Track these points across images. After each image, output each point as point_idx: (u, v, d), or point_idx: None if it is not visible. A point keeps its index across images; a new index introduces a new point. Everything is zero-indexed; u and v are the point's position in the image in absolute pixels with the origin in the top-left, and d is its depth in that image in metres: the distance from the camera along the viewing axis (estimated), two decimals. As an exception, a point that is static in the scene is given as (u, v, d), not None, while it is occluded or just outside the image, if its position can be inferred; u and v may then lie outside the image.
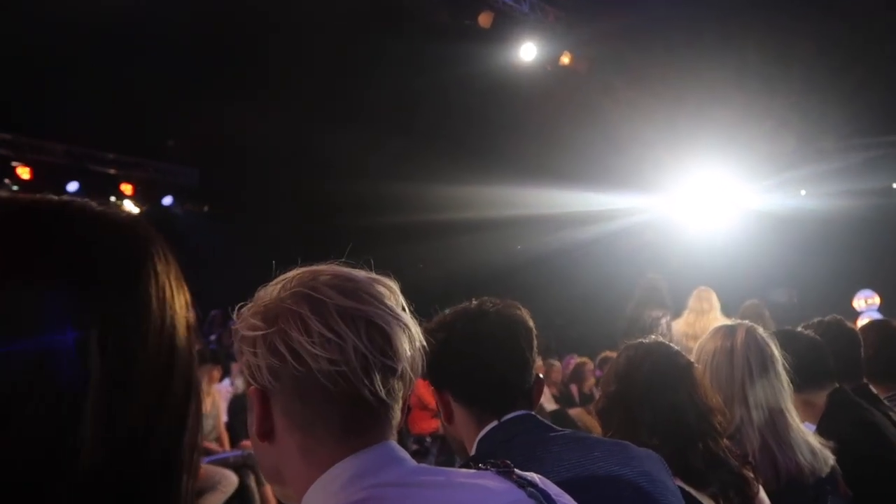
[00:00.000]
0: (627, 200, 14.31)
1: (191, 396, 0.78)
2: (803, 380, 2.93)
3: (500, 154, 12.74)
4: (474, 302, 2.12)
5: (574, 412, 9.10)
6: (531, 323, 2.11)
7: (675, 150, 12.76)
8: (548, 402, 9.54)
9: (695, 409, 2.31)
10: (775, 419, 2.68)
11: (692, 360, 2.50)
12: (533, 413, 2.02)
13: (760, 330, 2.84)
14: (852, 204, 13.56)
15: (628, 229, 14.71)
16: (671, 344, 2.48)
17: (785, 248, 13.77)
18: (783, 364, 2.77)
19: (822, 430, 2.91)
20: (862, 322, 5.63)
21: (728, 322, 2.97)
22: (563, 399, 10.28)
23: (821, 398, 3.20)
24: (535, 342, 2.10)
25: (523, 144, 12.87)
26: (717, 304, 7.41)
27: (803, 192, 14.63)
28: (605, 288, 12.26)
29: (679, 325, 7.44)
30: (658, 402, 2.29)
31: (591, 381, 10.60)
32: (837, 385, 3.24)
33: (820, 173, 13.38)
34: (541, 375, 2.11)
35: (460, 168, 12.22)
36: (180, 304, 0.82)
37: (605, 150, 12.66)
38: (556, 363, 11.19)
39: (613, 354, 2.62)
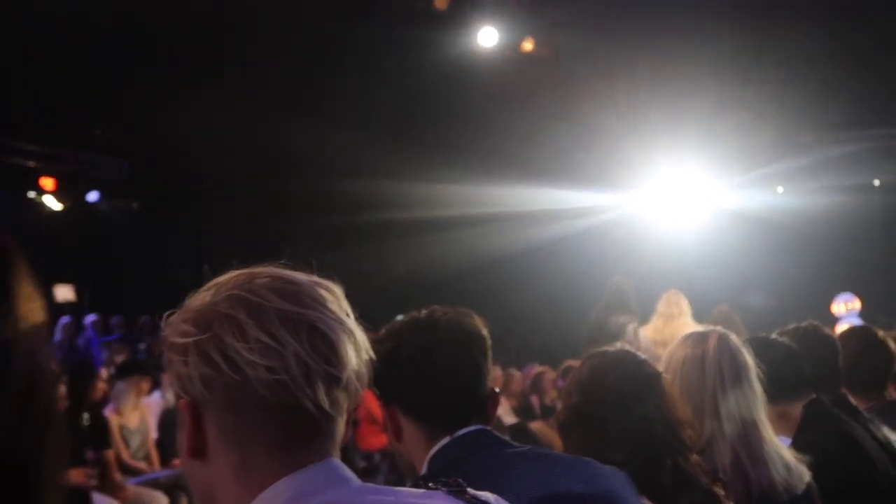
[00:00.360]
0: (595, 197, 14.44)
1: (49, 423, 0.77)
2: (778, 390, 2.97)
3: (459, 148, 12.76)
4: (424, 311, 2.14)
5: (535, 426, 9.14)
6: (485, 332, 2.13)
7: (646, 144, 12.87)
8: (507, 415, 9.60)
9: (663, 422, 2.33)
10: (748, 432, 2.72)
11: (661, 368, 2.53)
12: (489, 428, 2.02)
13: (733, 337, 2.88)
14: (832, 201, 13.78)
15: (596, 228, 14.86)
16: (638, 352, 2.51)
17: (760, 248, 13.98)
18: (757, 373, 2.81)
19: (798, 444, 2.95)
20: (841, 328, 5.74)
21: (699, 328, 3.01)
22: (523, 411, 10.35)
23: (796, 409, 3.24)
24: (490, 352, 2.12)
25: (484, 138, 12.91)
26: (687, 308, 7.53)
27: (780, 189, 14.85)
28: (572, 290, 12.39)
29: (647, 332, 7.54)
30: (624, 415, 2.30)
31: (552, 392, 10.69)
32: (814, 396, 3.29)
33: (797, 169, 13.56)
34: (496, 389, 2.13)
35: (417, 163, 12.24)
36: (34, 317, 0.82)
37: (572, 144, 12.75)
38: (516, 373, 11.31)
39: (577, 363, 2.63)
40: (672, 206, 14.40)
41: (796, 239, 14.09)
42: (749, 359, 2.83)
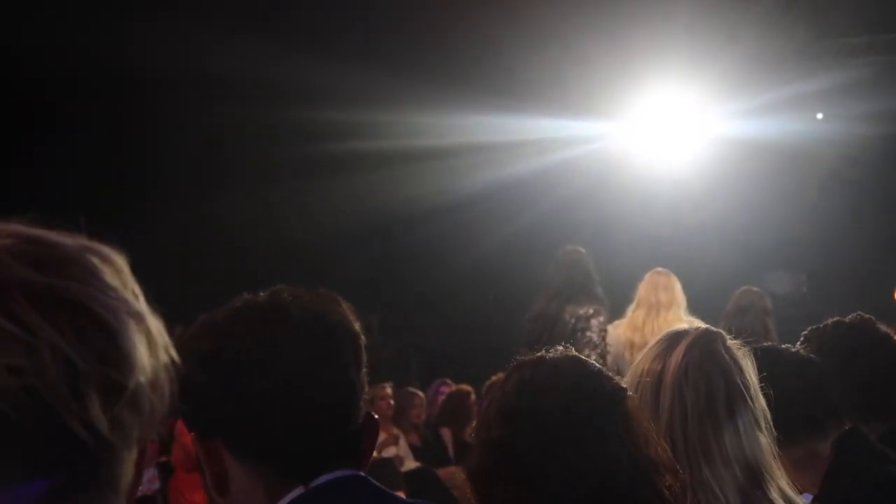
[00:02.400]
0: (569, 126, 14.59)
1: None
2: (794, 426, 2.98)
3: (402, 64, 12.94)
4: (262, 294, 2.08)
5: (446, 472, 9.13)
6: (356, 327, 2.08)
7: (635, 58, 12.98)
8: (404, 456, 9.56)
9: (631, 466, 2.28)
10: (745, 484, 2.70)
11: (626, 384, 2.50)
12: (363, 475, 2.00)
13: (721, 342, 2.83)
14: (891, 132, 14.01)
15: (569, 164, 14.95)
16: (588, 358, 2.48)
17: (790, 205, 14.20)
18: (761, 397, 2.78)
19: (826, 499, 2.97)
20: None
21: (697, 325, 2.98)
22: (428, 451, 10.28)
23: (824, 449, 3.26)
24: (365, 357, 2.08)
25: (434, 52, 13.15)
26: (679, 295, 7.59)
27: (819, 116, 15.05)
28: (529, 254, 12.49)
29: (621, 329, 7.58)
30: (570, 456, 2.26)
31: (474, 422, 10.59)
32: (852, 427, 3.30)
33: (844, 87, 13.76)
34: (374, 416, 2.09)
35: (344, 79, 12.53)
36: None
37: (538, 61, 12.90)
38: (418, 393, 11.09)
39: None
40: (667, 138, 14.54)
41: (842, 186, 14.33)
42: (745, 377, 2.77)
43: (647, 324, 7.35)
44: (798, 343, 3.73)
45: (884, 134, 14.05)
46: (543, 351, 2.46)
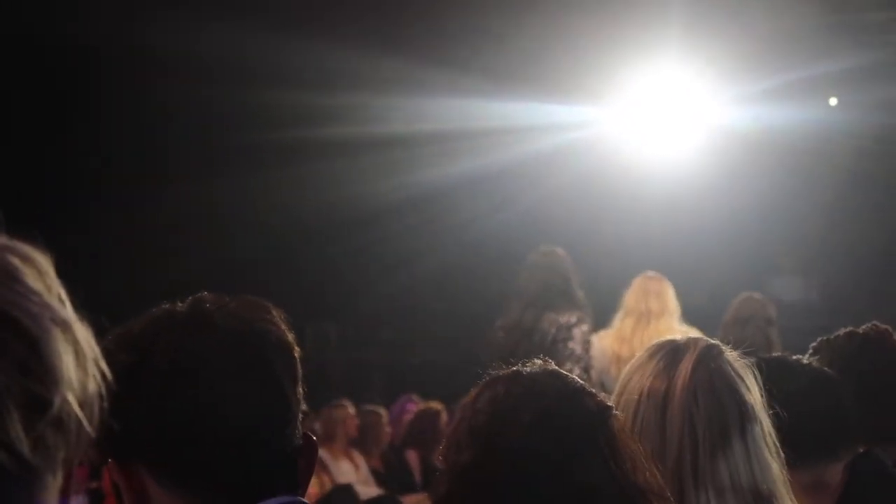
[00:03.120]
0: (550, 112, 14.58)
1: None
2: (804, 448, 3.00)
3: (355, 40, 12.89)
4: (185, 302, 2.08)
5: (412, 500, 9.14)
6: (290, 337, 2.08)
7: (626, 34, 12.99)
8: (363, 483, 9.56)
9: (615, 493, 2.28)
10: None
11: (612, 402, 2.51)
12: (303, 501, 2.03)
13: (725, 355, 2.84)
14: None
15: (550, 156, 14.92)
16: (570, 373, 2.48)
17: (798, 200, 14.22)
18: (767, 416, 2.80)
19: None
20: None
21: (692, 335, 2.98)
22: (392, 476, 10.27)
23: (835, 473, 3.29)
24: (300, 371, 2.09)
25: (402, 29, 13.10)
26: (672, 303, 7.61)
27: (833, 101, 15.09)
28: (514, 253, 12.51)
29: (607, 340, 7.60)
30: (547, 484, 2.26)
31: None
32: (865, 450, 3.33)
33: (861, 70, 13.79)
34: (313, 437, 2.10)
35: (294, 57, 12.50)
36: None
37: (513, 35, 12.97)
38: (381, 411, 11.08)
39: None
40: (662, 127, 14.54)
41: (859, 182, 14.36)
42: (752, 394, 2.79)
43: (637, 335, 7.35)
44: (807, 355, 3.73)
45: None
46: (520, 365, 2.44)
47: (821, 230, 14.30)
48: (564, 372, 2.46)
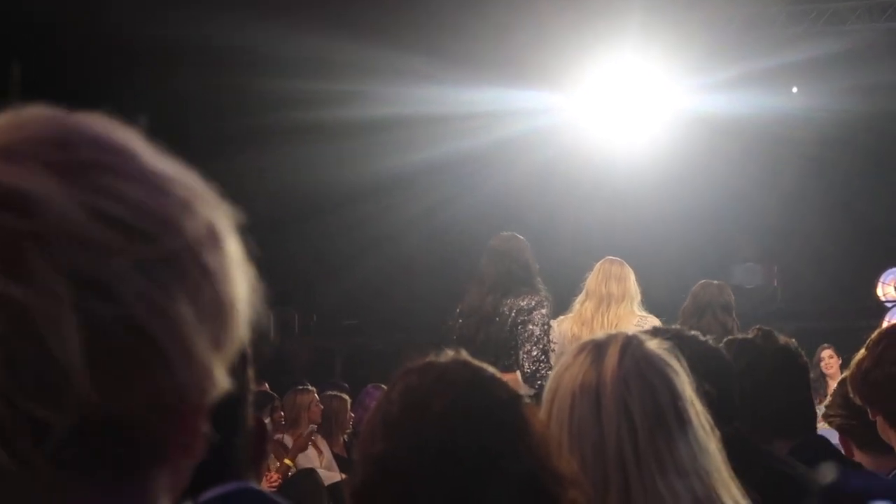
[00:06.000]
0: (510, 98, 14.63)
1: None
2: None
3: (329, 28, 12.85)
4: None
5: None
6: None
7: (587, 19, 13.00)
8: (326, 469, 9.55)
9: (528, 482, 2.27)
10: (702, 495, 2.76)
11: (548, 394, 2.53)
12: (254, 487, 2.04)
13: (649, 343, 2.87)
14: (876, 108, 14.03)
15: (511, 142, 14.90)
16: (482, 364, 2.45)
17: (759, 187, 14.24)
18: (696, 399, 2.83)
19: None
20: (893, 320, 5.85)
21: (652, 322, 3.02)
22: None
23: None
24: (250, 353, 2.07)
25: (365, 17, 13.18)
26: (633, 287, 7.61)
27: (795, 89, 15.10)
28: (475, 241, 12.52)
29: (566, 324, 7.59)
30: (458, 475, 2.24)
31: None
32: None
33: (823, 60, 13.81)
34: (264, 420, 2.07)
35: (265, 45, 12.63)
36: None
37: (472, 21, 12.95)
38: (343, 397, 11.03)
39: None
40: (623, 114, 14.56)
41: (820, 170, 14.39)
42: (680, 377, 2.81)
43: (597, 318, 7.31)
44: None
45: (868, 112, 14.08)
46: (433, 355, 2.42)
47: (781, 217, 14.31)
48: (476, 362, 2.43)
